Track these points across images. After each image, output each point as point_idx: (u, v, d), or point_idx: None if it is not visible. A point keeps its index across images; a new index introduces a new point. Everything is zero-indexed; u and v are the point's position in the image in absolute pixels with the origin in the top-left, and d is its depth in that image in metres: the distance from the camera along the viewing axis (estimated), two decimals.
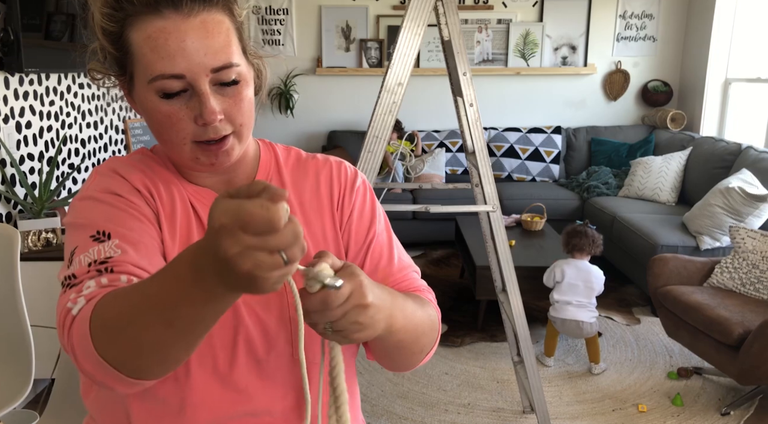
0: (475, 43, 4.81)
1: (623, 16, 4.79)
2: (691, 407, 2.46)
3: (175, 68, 0.68)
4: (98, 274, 0.67)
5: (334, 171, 0.89)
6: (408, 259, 0.92)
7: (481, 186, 1.95)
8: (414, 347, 0.79)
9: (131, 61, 0.71)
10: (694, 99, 4.64)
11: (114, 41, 0.72)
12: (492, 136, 4.78)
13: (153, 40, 0.68)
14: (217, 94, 0.72)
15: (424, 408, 2.45)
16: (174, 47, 0.68)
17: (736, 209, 3.13)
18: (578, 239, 2.74)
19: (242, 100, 0.74)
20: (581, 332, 2.68)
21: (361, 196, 0.89)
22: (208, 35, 0.70)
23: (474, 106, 1.90)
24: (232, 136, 0.75)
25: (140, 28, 0.69)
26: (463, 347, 2.97)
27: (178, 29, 0.68)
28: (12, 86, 2.25)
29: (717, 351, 2.37)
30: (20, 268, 1.54)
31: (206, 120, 0.71)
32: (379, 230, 0.89)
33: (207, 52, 0.69)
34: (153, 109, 0.71)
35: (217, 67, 0.70)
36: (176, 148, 0.74)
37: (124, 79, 0.75)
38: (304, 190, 0.86)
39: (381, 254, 0.87)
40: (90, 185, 0.78)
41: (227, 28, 0.72)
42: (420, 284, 0.89)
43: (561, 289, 2.71)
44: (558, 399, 2.52)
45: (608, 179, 4.43)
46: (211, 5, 0.71)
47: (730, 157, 3.74)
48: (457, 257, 4.17)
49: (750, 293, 2.57)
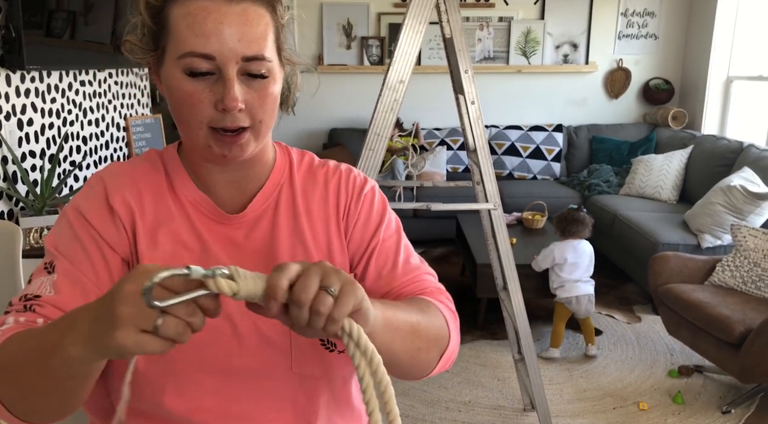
0: (476, 41, 4.80)
1: (625, 14, 4.79)
2: (691, 405, 2.46)
3: (206, 48, 0.68)
4: (24, 310, 0.70)
5: (343, 180, 0.87)
6: (418, 262, 0.88)
7: (483, 184, 1.95)
8: (405, 355, 0.74)
9: (166, 36, 0.71)
10: (695, 97, 4.63)
11: (154, 15, 0.72)
12: (493, 134, 4.77)
13: (192, 16, 0.68)
14: (242, 84, 0.71)
15: (425, 406, 2.45)
16: (210, 27, 0.68)
17: (738, 207, 3.13)
18: (576, 225, 2.86)
19: (266, 97, 0.73)
20: (592, 306, 2.82)
21: (367, 204, 0.87)
22: (247, 23, 0.69)
23: (475, 104, 1.89)
24: (249, 131, 0.74)
25: (183, 4, 0.69)
26: (463, 344, 2.97)
27: (219, 11, 0.68)
28: (14, 83, 2.25)
29: (718, 349, 2.37)
30: (22, 265, 1.54)
31: (227, 106, 0.69)
32: (385, 236, 0.86)
33: (241, 39, 0.69)
34: (177, 86, 0.71)
35: (248, 56, 0.70)
36: (192, 131, 0.73)
37: (155, 55, 0.74)
38: (313, 199, 0.85)
39: (386, 260, 0.85)
40: (76, 197, 0.80)
41: (267, 23, 0.72)
42: (429, 285, 0.86)
43: (565, 269, 2.82)
44: (559, 397, 2.52)
45: (609, 177, 4.42)
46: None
47: (731, 156, 3.74)
48: (457, 255, 4.17)
49: (751, 292, 2.57)
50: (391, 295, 0.84)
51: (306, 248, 0.81)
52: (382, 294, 0.84)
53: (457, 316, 0.86)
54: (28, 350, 0.62)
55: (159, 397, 0.75)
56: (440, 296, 0.85)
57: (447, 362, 0.82)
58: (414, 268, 0.86)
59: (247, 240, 0.80)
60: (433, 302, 0.82)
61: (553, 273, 2.86)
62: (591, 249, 2.88)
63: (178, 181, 0.81)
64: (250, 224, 0.81)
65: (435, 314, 0.80)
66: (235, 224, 0.80)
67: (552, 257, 2.84)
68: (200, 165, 0.80)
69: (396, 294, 0.84)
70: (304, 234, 0.82)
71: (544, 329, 3.12)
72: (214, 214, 0.80)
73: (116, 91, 3.21)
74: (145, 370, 0.74)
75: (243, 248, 0.80)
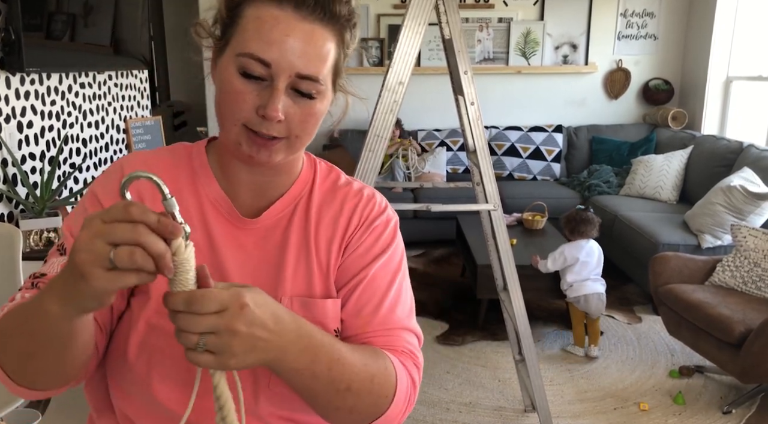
0: (476, 42, 4.80)
1: (624, 15, 4.79)
2: (692, 405, 2.45)
3: (266, 54, 0.70)
4: (30, 287, 0.73)
5: (361, 204, 0.85)
6: (405, 315, 0.83)
7: (483, 185, 1.95)
8: (336, 401, 0.70)
9: (233, 30, 0.73)
10: (695, 97, 4.63)
11: (230, 8, 0.74)
12: (493, 135, 4.77)
13: (261, 21, 0.70)
14: (289, 97, 0.72)
15: (425, 407, 2.45)
16: (276, 37, 0.70)
17: (738, 208, 3.13)
18: (584, 225, 2.88)
19: (309, 116, 0.74)
20: (602, 304, 2.82)
21: (374, 235, 0.83)
22: (311, 43, 0.71)
23: (475, 104, 1.90)
24: (283, 141, 0.74)
25: (258, 7, 0.71)
26: (464, 346, 2.97)
27: (288, 24, 0.70)
28: (13, 86, 2.25)
29: (718, 350, 2.36)
30: (22, 267, 1.54)
31: (267, 114, 0.70)
32: (377, 273, 0.82)
33: (301, 56, 0.70)
34: (228, 81, 0.72)
35: (302, 74, 0.71)
36: (227, 125, 0.74)
37: (219, 44, 0.76)
38: (326, 216, 0.83)
39: (369, 300, 0.81)
40: (96, 182, 0.81)
41: (330, 48, 0.73)
42: (399, 344, 0.80)
43: (575, 270, 2.83)
44: (560, 398, 2.52)
45: (609, 178, 4.42)
46: (326, 22, 0.72)
47: (731, 156, 3.74)
48: (457, 256, 4.17)
49: (752, 292, 2.57)
50: (359, 339, 0.80)
51: (309, 264, 0.81)
52: (352, 333, 0.81)
53: (417, 385, 0.80)
54: (17, 316, 0.65)
55: (148, 386, 0.75)
56: (405, 359, 0.80)
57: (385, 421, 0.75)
58: (395, 322, 0.81)
59: (257, 247, 0.80)
60: (389, 360, 0.77)
61: (564, 274, 2.87)
62: (599, 248, 2.90)
63: (202, 179, 0.81)
64: (262, 231, 0.81)
65: (385, 369, 0.75)
66: (248, 228, 0.80)
67: (563, 258, 2.84)
68: (229, 162, 0.81)
69: (362, 341, 0.80)
70: (310, 250, 0.81)
71: (545, 330, 3.12)
72: (230, 215, 0.80)
73: (116, 93, 3.21)
74: (135, 360, 0.76)
75: (251, 254, 0.80)
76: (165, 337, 0.74)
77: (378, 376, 0.73)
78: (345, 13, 0.74)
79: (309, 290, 0.79)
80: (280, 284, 0.78)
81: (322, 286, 0.80)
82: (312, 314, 0.77)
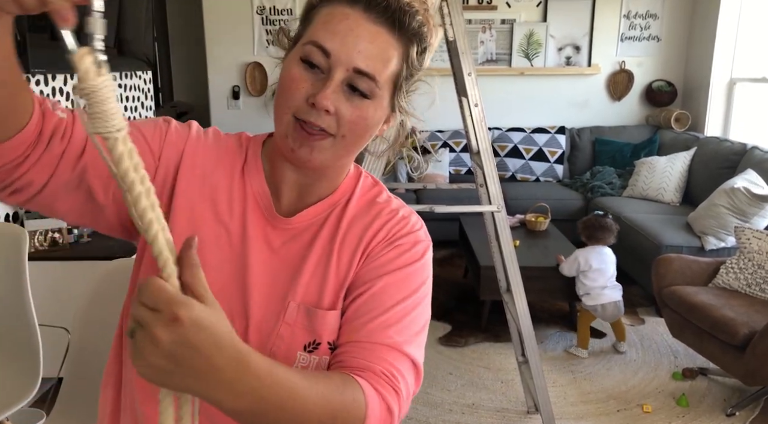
0: (478, 43, 4.81)
1: (627, 16, 4.78)
2: (696, 407, 2.45)
3: (328, 43, 0.70)
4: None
5: (393, 221, 0.81)
6: (402, 342, 0.73)
7: (486, 186, 1.95)
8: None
9: (305, 27, 0.75)
10: (698, 99, 4.63)
11: (307, 11, 0.76)
12: (496, 137, 4.77)
13: (331, 16, 0.72)
14: (343, 94, 0.72)
15: (428, 408, 2.45)
16: (341, 29, 0.71)
17: (742, 210, 3.13)
18: (601, 232, 2.90)
19: (360, 117, 0.73)
20: (618, 311, 2.83)
21: (398, 250, 0.79)
22: (374, 43, 0.71)
23: (479, 106, 1.90)
24: (329, 138, 0.72)
25: (331, 6, 0.73)
26: (467, 347, 2.97)
27: (356, 21, 0.71)
28: None
29: (722, 352, 2.36)
30: (27, 267, 1.54)
31: (317, 101, 0.69)
32: (389, 287, 0.76)
33: (361, 52, 0.71)
34: (288, 68, 0.73)
35: (360, 69, 0.71)
36: (280, 114, 0.74)
37: (291, 44, 0.78)
38: (355, 228, 0.81)
39: (370, 309, 0.75)
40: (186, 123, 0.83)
41: (393, 56, 0.73)
42: (380, 364, 0.71)
43: (591, 276, 2.83)
44: (563, 399, 2.52)
45: (612, 179, 4.42)
46: (394, 30, 0.72)
47: (735, 158, 3.73)
48: (461, 257, 4.17)
49: (756, 294, 2.57)
50: (341, 348, 0.75)
51: (326, 274, 0.78)
52: (340, 342, 0.76)
53: (395, 414, 0.70)
54: None
55: (135, 404, 0.77)
56: (381, 385, 0.70)
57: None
58: (385, 337, 0.73)
59: (283, 248, 0.79)
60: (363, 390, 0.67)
61: (579, 280, 2.87)
62: (613, 256, 2.91)
63: (252, 171, 0.81)
64: (291, 233, 0.80)
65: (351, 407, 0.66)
66: (280, 227, 0.80)
67: (577, 263, 2.85)
68: (277, 159, 0.80)
69: (343, 350, 0.74)
70: (331, 259, 0.79)
71: (548, 332, 3.12)
72: (267, 211, 0.80)
73: (120, 93, 3.23)
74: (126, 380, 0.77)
75: (276, 254, 0.79)
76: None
77: (342, 411, 0.65)
78: (414, 27, 0.74)
79: (319, 300, 0.78)
80: (292, 289, 0.77)
81: (332, 297, 0.78)
82: (311, 323, 0.76)
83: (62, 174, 0.67)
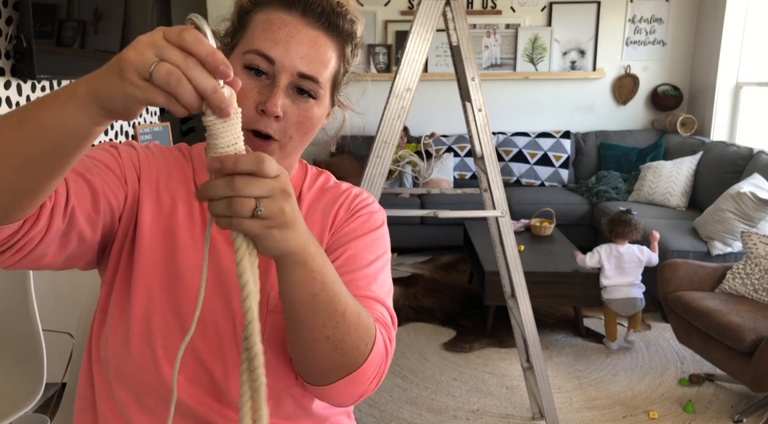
0: (483, 48, 4.81)
1: (632, 20, 4.78)
2: (703, 414, 2.43)
3: (270, 51, 0.74)
4: None
5: (348, 199, 0.88)
6: (381, 295, 0.80)
7: (490, 191, 1.95)
8: (329, 326, 0.66)
9: (242, 34, 0.78)
10: (704, 103, 4.61)
11: (241, 15, 0.79)
12: (500, 141, 4.77)
13: (270, 24, 0.75)
14: (288, 98, 0.76)
15: (432, 414, 2.44)
16: (281, 37, 0.74)
17: (748, 214, 3.11)
18: (623, 227, 2.93)
19: (306, 118, 0.77)
20: (632, 308, 2.91)
21: (360, 220, 0.86)
22: (314, 47, 0.76)
23: (483, 111, 1.89)
24: (276, 144, 0.77)
25: (267, 12, 0.76)
26: (471, 352, 2.95)
27: (295, 27, 0.75)
28: (24, 93, 2.27)
29: (729, 358, 2.34)
30: (31, 272, 1.55)
31: (267, 108, 0.73)
32: (360, 251, 0.82)
33: (303, 57, 0.75)
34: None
35: (303, 73, 0.75)
36: None
37: (227, 49, 0.80)
38: (314, 214, 0.87)
39: (349, 269, 0.80)
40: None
41: (331, 58, 0.78)
42: (373, 313, 0.77)
43: (610, 273, 2.90)
44: (568, 406, 2.50)
45: (618, 184, 4.40)
46: (331, 32, 0.77)
47: (741, 162, 3.71)
48: (465, 262, 4.16)
49: (763, 299, 2.55)
50: None
51: None
52: None
53: (389, 354, 0.76)
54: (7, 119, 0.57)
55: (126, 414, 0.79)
56: (378, 325, 0.75)
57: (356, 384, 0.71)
58: (370, 291, 0.79)
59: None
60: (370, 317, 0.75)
61: (601, 274, 2.95)
62: (637, 253, 2.93)
63: (202, 178, 0.84)
64: None
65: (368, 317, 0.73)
66: None
67: (598, 256, 2.93)
68: None
69: None
70: None
71: (553, 337, 3.10)
72: None
73: None
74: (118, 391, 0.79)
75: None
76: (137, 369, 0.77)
77: (363, 314, 0.70)
78: (347, 28, 0.79)
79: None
80: (269, 280, 0.80)
81: None
82: None
83: (54, 225, 0.67)
